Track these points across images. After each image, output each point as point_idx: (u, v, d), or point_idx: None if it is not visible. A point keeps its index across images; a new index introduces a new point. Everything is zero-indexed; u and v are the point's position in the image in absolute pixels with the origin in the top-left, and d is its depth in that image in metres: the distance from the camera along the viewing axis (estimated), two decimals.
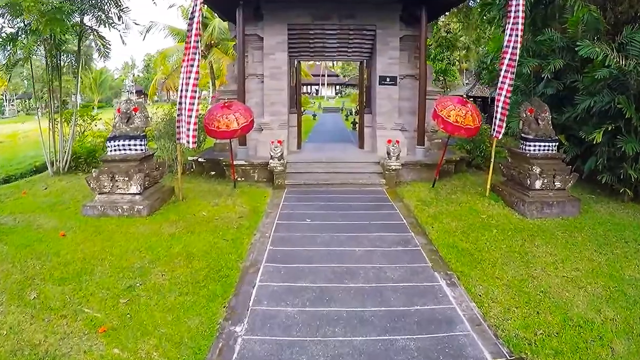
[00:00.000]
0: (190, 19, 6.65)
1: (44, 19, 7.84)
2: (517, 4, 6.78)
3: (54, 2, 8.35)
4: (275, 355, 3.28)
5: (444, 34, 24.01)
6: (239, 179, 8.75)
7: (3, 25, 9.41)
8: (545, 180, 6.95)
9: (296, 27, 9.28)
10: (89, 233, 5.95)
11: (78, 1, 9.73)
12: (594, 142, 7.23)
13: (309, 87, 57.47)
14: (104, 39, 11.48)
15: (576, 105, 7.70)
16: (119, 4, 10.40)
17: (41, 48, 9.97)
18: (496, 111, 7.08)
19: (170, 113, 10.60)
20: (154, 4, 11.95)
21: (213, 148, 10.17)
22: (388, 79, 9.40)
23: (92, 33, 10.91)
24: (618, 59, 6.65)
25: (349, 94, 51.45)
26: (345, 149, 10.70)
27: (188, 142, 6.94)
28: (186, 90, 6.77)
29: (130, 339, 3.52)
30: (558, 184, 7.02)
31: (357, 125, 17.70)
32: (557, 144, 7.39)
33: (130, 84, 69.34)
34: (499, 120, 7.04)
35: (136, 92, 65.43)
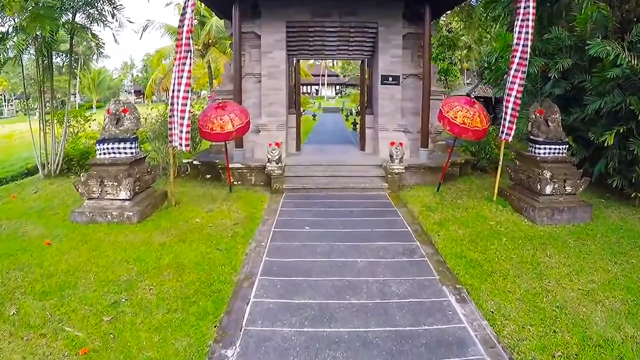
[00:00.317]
0: (182, 14, 6.30)
1: (26, 15, 7.48)
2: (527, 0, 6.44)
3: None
4: None
5: (445, 33, 23.66)
6: (235, 183, 8.41)
7: None
8: (556, 185, 6.64)
9: (295, 25, 8.94)
10: (76, 242, 5.63)
11: None
12: (605, 145, 6.93)
13: (308, 87, 57.26)
14: (97, 38, 11.18)
15: (584, 106, 7.44)
16: (113, 1, 10.06)
17: (34, 47, 9.65)
18: (505, 112, 6.73)
19: (165, 114, 10.26)
20: (148, 1, 11.63)
21: (209, 150, 9.83)
22: (390, 79, 9.06)
23: (85, 32, 10.56)
24: (630, 58, 6.33)
25: (349, 94, 51.19)
26: (345, 151, 10.36)
27: (180, 145, 6.60)
28: (178, 91, 6.43)
29: None
30: (569, 189, 6.71)
31: (358, 126, 17.50)
32: (567, 146, 7.08)
33: (129, 83, 69.12)
34: (509, 122, 6.70)
35: (135, 92, 65.17)
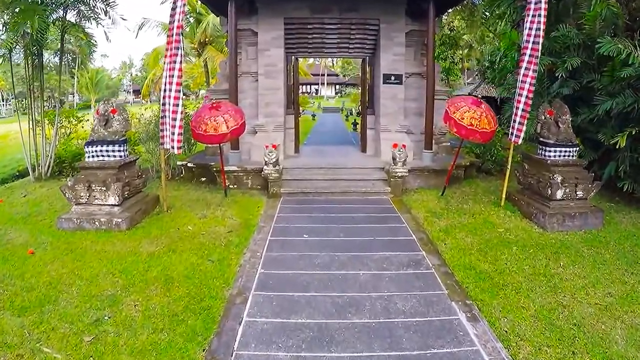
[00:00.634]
0: (172, 9, 5.96)
1: (7, 10, 7.11)
2: None
3: None
4: None
5: (447, 32, 23.30)
6: (231, 186, 8.06)
7: None
8: (567, 189, 6.34)
9: (293, 21, 8.57)
10: (60, 251, 5.31)
11: None
12: (617, 147, 6.62)
13: (308, 87, 56.94)
14: (89, 36, 10.83)
15: (593, 107, 7.17)
16: None
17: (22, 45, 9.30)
18: (515, 113, 6.39)
19: (159, 114, 9.91)
20: None
21: (204, 152, 9.48)
22: (393, 78, 8.70)
23: (77, 29, 10.20)
24: None
25: (349, 94, 50.90)
26: (346, 153, 10.00)
27: (172, 147, 6.25)
28: (169, 90, 6.08)
29: None
30: (580, 194, 6.41)
31: (358, 126, 17.18)
32: (578, 148, 6.76)
33: (128, 83, 68.69)
34: (519, 123, 6.35)
35: (134, 92, 64.74)
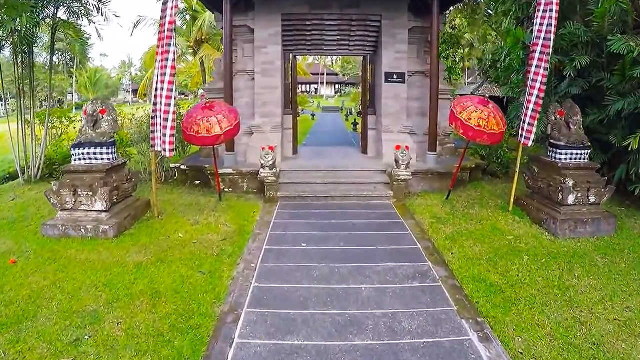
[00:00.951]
0: (164, 4, 5.60)
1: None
2: None
3: None
4: None
5: (449, 30, 22.97)
6: (226, 190, 7.72)
7: None
8: (579, 194, 6.02)
9: (291, 18, 8.22)
10: (44, 260, 5.00)
11: None
12: (630, 149, 6.33)
13: (307, 86, 56.65)
14: (81, 33, 10.49)
15: (603, 107, 6.90)
16: None
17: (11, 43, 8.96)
18: (525, 113, 6.05)
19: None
20: None
21: (199, 153, 9.13)
22: (395, 76, 8.35)
23: (67, 27, 9.85)
24: None
25: (349, 93, 50.61)
26: (346, 155, 9.64)
27: (164, 150, 5.91)
28: (161, 89, 5.74)
29: None
30: (593, 199, 6.10)
31: (359, 126, 16.84)
32: (590, 151, 6.44)
33: (128, 82, 68.26)
34: (528, 124, 6.01)
35: (133, 91, 64.30)
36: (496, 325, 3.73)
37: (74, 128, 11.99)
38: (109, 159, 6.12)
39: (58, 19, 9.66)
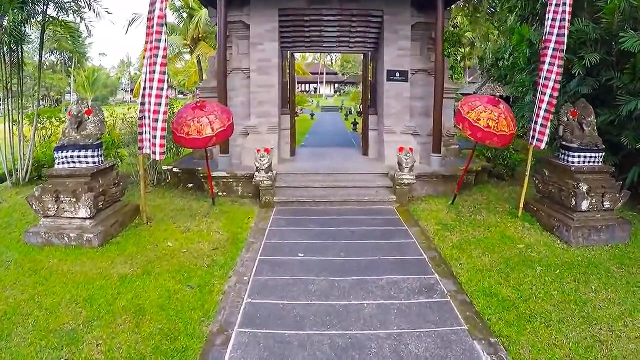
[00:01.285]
0: None
1: None
2: None
3: None
4: None
5: (450, 29, 22.60)
6: (220, 194, 7.35)
7: None
8: (593, 200, 5.68)
9: (289, 13, 7.84)
10: (24, 271, 4.67)
11: None
12: None
13: (307, 86, 56.35)
14: (73, 30, 10.13)
15: (613, 107, 6.65)
16: None
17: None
18: (537, 114, 5.69)
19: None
20: None
21: (193, 155, 8.76)
22: (398, 74, 7.97)
23: (56, 24, 9.50)
24: None
25: (349, 93, 50.29)
26: (346, 156, 9.26)
27: (154, 153, 5.55)
28: (150, 88, 5.39)
29: None
30: (607, 204, 5.77)
31: (359, 126, 16.48)
32: (604, 154, 6.11)
33: (127, 82, 67.77)
34: (541, 125, 5.65)
35: (132, 91, 63.86)
36: (511, 346, 3.41)
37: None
38: (94, 163, 5.76)
39: (48, 16, 9.33)
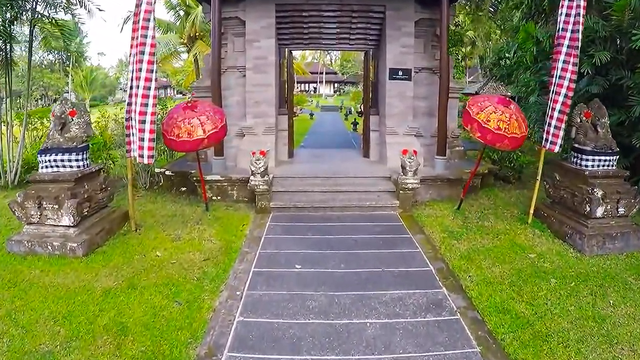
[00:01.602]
0: None
1: None
2: None
3: None
4: None
5: (452, 27, 22.25)
6: (214, 198, 7.01)
7: None
8: (608, 206, 5.38)
9: (286, 8, 7.48)
10: (3, 283, 4.38)
11: None
12: None
13: (306, 85, 56.07)
14: (63, 28, 9.79)
15: (624, 107, 6.43)
16: None
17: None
18: (551, 115, 5.35)
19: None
20: None
21: (187, 157, 8.41)
22: (400, 73, 7.62)
23: (46, 21, 9.16)
24: None
25: (348, 92, 49.99)
26: (346, 158, 8.91)
27: (141, 157, 5.21)
28: (137, 87, 5.03)
29: None
30: (622, 210, 5.47)
31: (359, 126, 16.14)
32: (618, 157, 5.80)
33: (125, 81, 67.41)
34: (555, 127, 5.32)
35: None
36: None
37: None
38: (79, 166, 5.42)
39: (37, 13, 8.99)
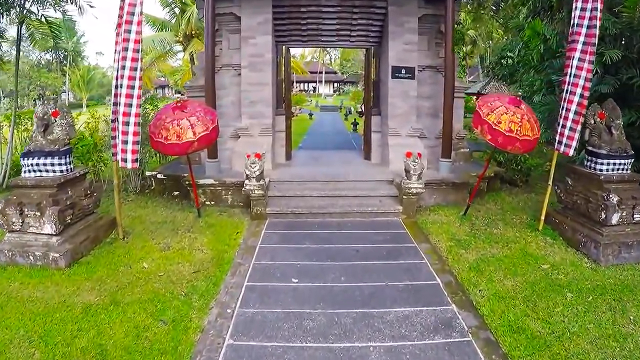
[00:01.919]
0: None
1: None
2: None
3: None
4: None
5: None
6: (207, 203, 6.67)
7: None
8: (623, 212, 5.09)
9: (284, 3, 7.13)
10: None
11: None
12: None
13: (305, 85, 55.82)
14: (52, 26, 9.47)
15: (634, 107, 6.29)
16: None
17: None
18: (565, 117, 5.02)
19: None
20: None
21: (180, 160, 8.07)
22: (403, 71, 7.28)
23: (33, 18, 8.82)
24: None
25: (348, 92, 49.68)
26: (347, 161, 8.57)
27: (124, 160, 4.88)
28: (120, 86, 4.70)
29: None
30: (637, 217, 5.16)
31: (359, 126, 15.83)
32: (633, 160, 5.48)
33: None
34: (570, 129, 4.98)
35: None
36: None
37: None
38: (61, 171, 5.08)
39: (25, 10, 8.65)
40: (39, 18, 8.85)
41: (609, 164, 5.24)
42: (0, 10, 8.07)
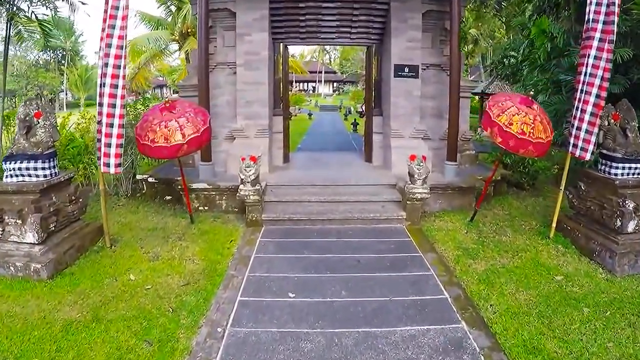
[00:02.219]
0: None
1: None
2: None
3: None
4: None
5: None
6: (201, 208, 6.37)
7: None
8: (639, 219, 4.76)
9: None
10: None
11: None
12: None
13: (305, 84, 55.58)
14: (43, 24, 9.18)
15: None
16: None
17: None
18: (581, 119, 4.71)
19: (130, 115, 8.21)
20: None
21: (173, 162, 7.75)
22: (406, 69, 6.97)
23: (22, 15, 8.52)
24: None
25: (348, 91, 49.43)
26: (347, 163, 8.26)
27: (107, 165, 4.59)
28: (103, 85, 4.39)
29: None
30: None
31: (359, 126, 15.55)
32: None
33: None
34: (586, 131, 4.68)
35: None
36: None
37: None
38: (45, 176, 4.78)
39: (15, 7, 8.36)
40: (28, 15, 8.54)
41: (624, 168, 4.97)
42: None
